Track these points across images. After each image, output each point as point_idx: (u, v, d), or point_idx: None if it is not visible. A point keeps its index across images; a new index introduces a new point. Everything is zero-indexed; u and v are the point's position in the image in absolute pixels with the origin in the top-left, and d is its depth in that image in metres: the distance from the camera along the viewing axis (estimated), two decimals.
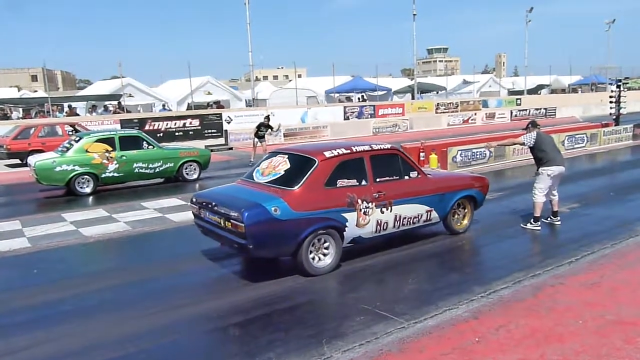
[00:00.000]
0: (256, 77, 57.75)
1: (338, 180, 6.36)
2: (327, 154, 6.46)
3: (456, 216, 7.85)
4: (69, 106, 26.92)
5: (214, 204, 6.31)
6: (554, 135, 15.78)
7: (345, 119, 29.43)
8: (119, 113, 25.43)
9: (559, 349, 4.25)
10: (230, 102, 34.52)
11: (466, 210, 7.93)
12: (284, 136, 24.24)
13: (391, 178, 6.88)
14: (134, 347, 4.60)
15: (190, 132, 24.06)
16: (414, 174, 7.17)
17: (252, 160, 17.05)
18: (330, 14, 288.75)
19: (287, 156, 6.72)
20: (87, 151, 12.27)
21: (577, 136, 17.85)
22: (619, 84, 19.99)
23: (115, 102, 27.95)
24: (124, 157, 12.59)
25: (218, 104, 31.75)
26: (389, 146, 7.29)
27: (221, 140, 23.97)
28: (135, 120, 22.81)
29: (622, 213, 8.94)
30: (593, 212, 9.08)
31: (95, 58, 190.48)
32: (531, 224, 8.03)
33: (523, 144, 8.18)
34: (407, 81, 44.52)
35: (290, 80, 47.60)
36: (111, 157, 12.44)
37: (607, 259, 6.50)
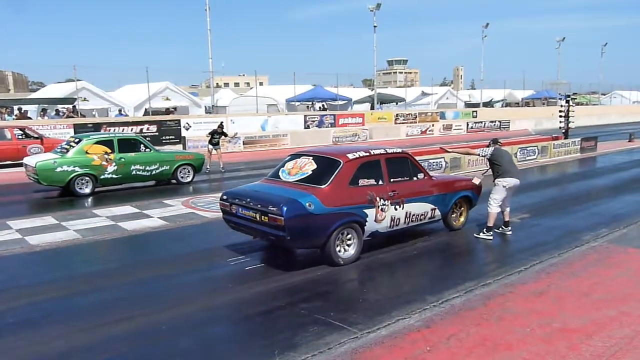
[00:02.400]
0: (217, 84, 57.23)
1: (360, 180, 6.99)
2: (350, 156, 7.09)
3: (454, 214, 8.58)
4: (19, 109, 25.82)
5: (248, 200, 6.77)
6: (507, 147, 16.32)
7: (305, 128, 29.47)
8: (72, 117, 24.60)
9: (507, 357, 4.35)
10: (189, 109, 33.94)
11: (462, 209, 8.72)
12: (244, 144, 24.06)
13: (403, 179, 7.56)
14: None
15: (148, 138, 23.29)
16: (421, 176, 7.87)
17: (208, 167, 16.80)
18: (292, 23, 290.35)
19: (312, 158, 7.29)
20: (87, 152, 12.44)
21: (528, 148, 18.46)
22: (568, 99, 20.80)
23: (70, 106, 27.03)
24: (123, 159, 12.81)
25: (173, 111, 31.11)
26: (400, 150, 7.96)
27: (179, 147, 23.53)
28: (90, 125, 22.04)
29: (570, 223, 9.28)
30: (542, 222, 9.38)
31: (50, 60, 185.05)
32: (484, 233, 8.22)
33: (479, 155, 8.51)
34: (368, 91, 44.93)
35: (251, 88, 47.36)
36: (110, 159, 12.65)
37: (554, 268, 6.72)
